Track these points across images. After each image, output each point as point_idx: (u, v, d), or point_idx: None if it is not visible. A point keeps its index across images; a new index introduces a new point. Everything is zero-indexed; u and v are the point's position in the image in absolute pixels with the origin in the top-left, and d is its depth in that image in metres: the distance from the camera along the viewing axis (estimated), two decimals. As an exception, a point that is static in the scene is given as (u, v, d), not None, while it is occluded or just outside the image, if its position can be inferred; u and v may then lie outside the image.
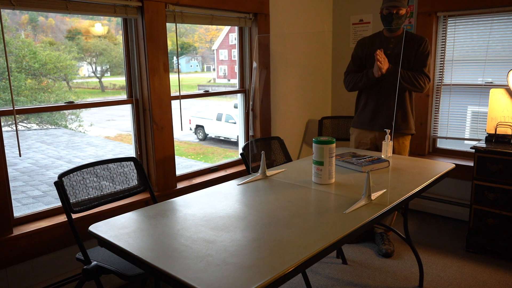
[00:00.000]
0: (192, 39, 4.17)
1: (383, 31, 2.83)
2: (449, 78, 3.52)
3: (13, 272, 2.13)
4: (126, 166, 2.27)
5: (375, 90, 2.81)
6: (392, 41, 2.77)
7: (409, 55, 2.73)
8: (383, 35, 2.82)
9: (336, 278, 2.65)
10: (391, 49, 2.75)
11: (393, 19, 2.66)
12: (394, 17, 2.65)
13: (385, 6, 2.66)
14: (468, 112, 3.50)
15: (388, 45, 2.77)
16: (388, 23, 2.70)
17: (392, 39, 2.78)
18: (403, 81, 2.66)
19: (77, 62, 2.89)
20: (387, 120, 2.76)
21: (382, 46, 2.73)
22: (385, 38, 2.80)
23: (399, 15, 2.66)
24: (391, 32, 2.76)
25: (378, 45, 2.76)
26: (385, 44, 2.77)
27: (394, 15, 2.64)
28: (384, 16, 2.70)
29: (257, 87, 3.38)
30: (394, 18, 2.66)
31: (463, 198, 3.47)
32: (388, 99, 2.79)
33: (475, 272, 2.69)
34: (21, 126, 3.47)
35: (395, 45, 2.76)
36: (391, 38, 2.78)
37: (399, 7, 2.63)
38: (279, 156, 2.80)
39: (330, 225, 1.53)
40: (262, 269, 1.21)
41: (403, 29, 2.79)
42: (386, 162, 2.31)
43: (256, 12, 3.23)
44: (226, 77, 5.24)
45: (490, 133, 2.97)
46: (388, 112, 2.79)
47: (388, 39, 2.79)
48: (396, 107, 2.77)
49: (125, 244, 1.39)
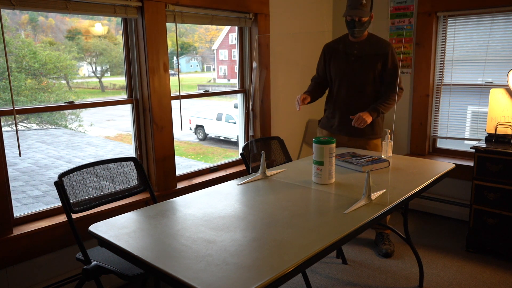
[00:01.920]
0: (192, 39, 4.17)
1: (348, 35, 2.82)
2: (449, 78, 3.52)
3: (13, 272, 2.13)
4: (126, 166, 2.27)
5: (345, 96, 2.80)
6: (356, 46, 2.76)
7: (376, 62, 2.72)
8: (348, 39, 2.80)
9: (336, 278, 2.65)
10: (355, 54, 2.75)
11: (356, 26, 2.65)
12: (357, 24, 2.65)
13: (348, 14, 2.65)
14: (468, 112, 3.50)
15: (352, 50, 2.76)
16: (352, 28, 2.69)
17: (356, 45, 2.76)
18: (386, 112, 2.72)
19: (77, 62, 2.89)
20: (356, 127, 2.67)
21: (346, 50, 2.76)
22: (349, 42, 2.78)
23: (362, 22, 2.65)
24: (354, 37, 2.75)
25: (342, 49, 2.78)
26: (349, 48, 2.77)
27: (357, 23, 2.64)
28: (348, 23, 2.69)
29: (257, 87, 3.38)
30: (357, 25, 2.65)
31: (463, 198, 3.47)
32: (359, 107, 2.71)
33: (475, 272, 2.69)
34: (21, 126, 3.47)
35: (359, 50, 2.75)
36: (355, 43, 2.76)
37: (361, 16, 2.62)
38: (279, 156, 2.80)
39: (330, 225, 1.53)
40: (262, 269, 1.21)
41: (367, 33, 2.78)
42: (386, 162, 2.31)
43: (256, 12, 3.23)
44: (226, 77, 5.24)
45: (490, 133, 2.97)
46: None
47: (352, 43, 2.77)
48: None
49: (125, 244, 1.39)
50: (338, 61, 2.80)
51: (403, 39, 3.66)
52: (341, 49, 2.79)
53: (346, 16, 2.68)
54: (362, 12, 2.62)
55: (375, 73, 2.74)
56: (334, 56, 2.82)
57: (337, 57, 2.80)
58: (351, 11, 2.63)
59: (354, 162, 2.29)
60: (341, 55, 2.78)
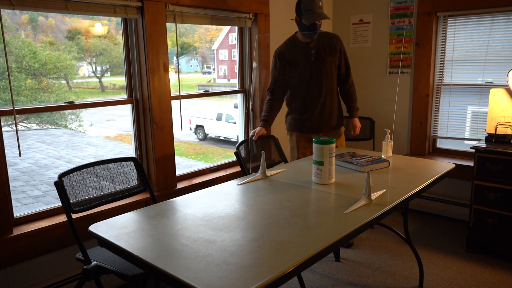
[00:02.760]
0: (192, 39, 4.17)
1: (296, 36, 2.73)
2: (449, 78, 3.52)
3: (13, 272, 2.13)
4: (126, 166, 2.27)
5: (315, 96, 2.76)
6: (311, 46, 2.70)
7: (334, 56, 2.73)
8: (300, 41, 2.71)
9: (336, 278, 2.65)
10: (314, 55, 2.70)
11: (317, 29, 2.61)
12: (318, 28, 2.61)
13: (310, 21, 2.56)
14: (468, 112, 3.50)
15: (309, 51, 2.70)
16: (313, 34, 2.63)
17: (310, 44, 2.70)
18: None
19: (77, 62, 2.89)
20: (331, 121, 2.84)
21: (303, 52, 2.70)
22: (303, 44, 2.71)
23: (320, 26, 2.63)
24: (311, 39, 2.68)
25: (299, 52, 2.70)
26: (306, 50, 2.70)
27: (318, 26, 2.60)
28: (306, 26, 2.59)
29: (257, 87, 3.38)
30: (318, 29, 2.62)
31: (463, 198, 3.47)
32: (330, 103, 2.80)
33: (475, 272, 2.69)
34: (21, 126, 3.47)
35: (315, 49, 2.71)
36: (309, 43, 2.70)
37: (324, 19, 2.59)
38: (274, 155, 2.82)
39: (330, 225, 1.53)
40: (262, 269, 1.21)
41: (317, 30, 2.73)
42: (386, 162, 2.31)
43: (256, 12, 3.23)
44: (226, 77, 5.24)
45: (490, 133, 2.97)
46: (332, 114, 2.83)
47: (306, 44, 2.70)
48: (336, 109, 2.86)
49: (125, 244, 1.39)
50: (298, 65, 2.71)
51: (403, 39, 3.66)
52: (297, 53, 2.71)
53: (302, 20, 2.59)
54: (324, 14, 2.58)
55: (335, 66, 2.77)
56: (292, 61, 2.72)
57: (295, 61, 2.71)
58: (318, 16, 2.55)
59: (354, 162, 2.29)
60: (300, 58, 2.70)
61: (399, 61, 3.72)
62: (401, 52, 3.68)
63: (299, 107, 2.82)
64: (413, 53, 3.61)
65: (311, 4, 2.54)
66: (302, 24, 2.61)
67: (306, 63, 2.70)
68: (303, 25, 2.61)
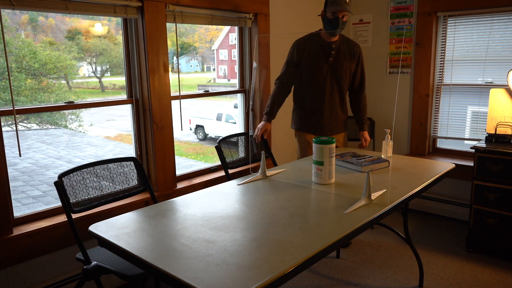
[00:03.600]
0: (192, 39, 4.17)
1: (320, 35, 2.68)
2: (449, 78, 3.52)
3: (13, 272, 2.13)
4: (126, 166, 2.27)
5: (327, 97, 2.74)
6: (333, 47, 2.66)
7: (350, 64, 2.73)
8: (323, 39, 2.67)
9: (336, 278, 2.65)
10: (332, 55, 2.67)
11: (339, 24, 2.56)
12: (340, 22, 2.56)
13: (332, 11, 2.52)
14: (468, 112, 3.50)
15: (329, 51, 2.67)
16: (333, 27, 2.57)
17: (332, 45, 2.66)
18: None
19: (77, 62, 2.89)
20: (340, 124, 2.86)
21: (323, 51, 2.66)
22: (325, 43, 2.66)
23: (344, 20, 2.58)
24: (333, 35, 2.64)
25: (320, 49, 2.66)
26: (327, 49, 2.67)
27: (340, 20, 2.55)
28: (329, 20, 2.56)
29: (257, 87, 3.38)
30: (340, 23, 2.56)
31: (463, 198, 3.47)
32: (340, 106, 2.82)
33: (475, 272, 2.69)
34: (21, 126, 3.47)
35: (336, 51, 2.68)
36: (332, 43, 2.66)
37: (347, 12, 2.54)
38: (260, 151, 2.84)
39: (330, 225, 1.53)
40: (262, 269, 1.21)
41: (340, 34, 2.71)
42: (386, 162, 2.31)
43: (256, 12, 3.23)
44: (226, 77, 5.24)
45: (490, 133, 2.97)
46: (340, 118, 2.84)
47: (329, 44, 2.66)
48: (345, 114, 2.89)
49: (125, 244, 1.39)
50: (315, 62, 2.67)
51: (403, 39, 3.66)
52: (317, 49, 2.66)
53: (326, 13, 2.56)
54: (348, 7, 2.53)
55: (350, 73, 2.77)
56: (310, 56, 2.67)
57: (313, 58, 2.66)
58: (337, 7, 2.50)
59: (354, 162, 2.29)
60: (319, 56, 2.66)
61: (399, 61, 3.72)
62: (401, 52, 3.68)
63: (308, 105, 2.78)
64: (413, 53, 3.61)
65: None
66: (326, 18, 2.60)
67: (324, 62, 2.68)
68: (327, 20, 2.59)
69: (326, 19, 2.61)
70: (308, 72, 2.71)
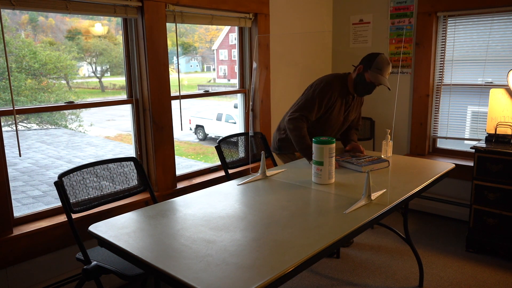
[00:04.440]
0: (192, 39, 4.17)
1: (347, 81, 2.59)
2: (449, 78, 3.52)
3: (13, 272, 2.13)
4: (126, 166, 2.27)
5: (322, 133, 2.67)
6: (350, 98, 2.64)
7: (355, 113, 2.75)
8: (347, 90, 2.59)
9: (336, 278, 2.65)
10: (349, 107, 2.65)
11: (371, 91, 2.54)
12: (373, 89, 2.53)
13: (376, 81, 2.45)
14: (468, 112, 3.50)
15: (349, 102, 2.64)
16: (367, 91, 2.54)
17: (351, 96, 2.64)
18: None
19: (77, 62, 2.89)
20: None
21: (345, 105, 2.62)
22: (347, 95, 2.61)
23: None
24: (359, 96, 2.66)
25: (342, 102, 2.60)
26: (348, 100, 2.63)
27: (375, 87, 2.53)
28: (366, 83, 2.48)
29: (257, 87, 3.38)
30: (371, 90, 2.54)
31: (463, 198, 3.47)
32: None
33: (475, 272, 2.69)
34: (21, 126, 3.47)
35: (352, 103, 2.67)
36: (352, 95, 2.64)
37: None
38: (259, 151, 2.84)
39: (330, 225, 1.53)
40: (262, 269, 1.21)
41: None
42: (386, 162, 2.31)
43: (256, 12, 3.23)
44: (226, 77, 5.23)
45: (490, 133, 2.97)
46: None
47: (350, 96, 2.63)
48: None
49: (125, 244, 1.39)
50: (336, 110, 2.60)
51: (403, 39, 3.66)
52: (342, 100, 2.61)
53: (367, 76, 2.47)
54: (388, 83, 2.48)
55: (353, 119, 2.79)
56: (335, 104, 2.58)
57: (337, 106, 2.59)
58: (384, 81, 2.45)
59: (354, 162, 2.29)
60: (341, 105, 2.62)
61: (399, 61, 3.72)
62: (401, 52, 3.68)
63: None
64: (413, 53, 3.61)
65: (384, 66, 2.44)
66: (362, 77, 2.49)
67: (342, 112, 2.63)
68: (361, 78, 2.49)
69: (362, 78, 2.49)
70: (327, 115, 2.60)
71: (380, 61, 2.44)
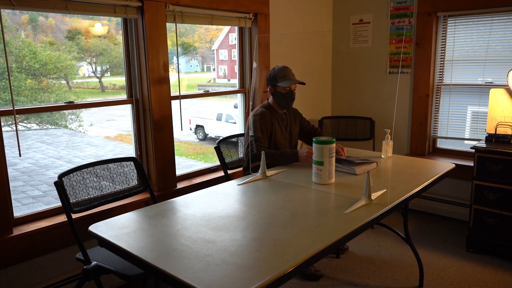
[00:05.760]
0: (192, 39, 4.17)
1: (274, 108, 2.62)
2: (449, 78, 3.52)
3: (13, 272, 2.13)
4: (126, 166, 2.27)
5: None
6: (284, 117, 2.67)
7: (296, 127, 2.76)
8: (276, 112, 2.63)
9: (336, 278, 2.65)
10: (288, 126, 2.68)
11: (294, 96, 2.57)
12: (294, 95, 2.57)
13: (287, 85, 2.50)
14: (468, 112, 3.50)
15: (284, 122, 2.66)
16: (289, 101, 2.58)
17: (284, 116, 2.67)
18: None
19: (77, 62, 2.89)
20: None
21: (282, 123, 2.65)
22: (279, 115, 2.65)
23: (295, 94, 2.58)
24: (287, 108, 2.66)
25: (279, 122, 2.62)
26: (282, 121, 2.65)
27: (294, 92, 2.56)
28: (283, 95, 2.54)
29: (257, 87, 3.38)
30: (293, 96, 2.57)
31: (463, 198, 3.47)
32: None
33: (475, 272, 2.69)
34: (21, 126, 3.47)
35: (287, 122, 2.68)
36: (283, 114, 2.67)
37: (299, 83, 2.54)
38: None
39: (330, 225, 1.53)
40: (262, 269, 1.21)
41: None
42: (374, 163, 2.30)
43: (256, 12, 3.23)
44: (226, 77, 5.23)
45: (490, 133, 2.97)
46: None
47: (281, 115, 2.66)
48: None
49: (125, 244, 1.39)
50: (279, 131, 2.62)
51: (403, 39, 3.66)
52: (277, 123, 2.62)
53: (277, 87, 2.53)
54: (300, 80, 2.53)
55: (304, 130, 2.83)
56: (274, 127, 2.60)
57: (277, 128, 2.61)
58: (291, 82, 2.50)
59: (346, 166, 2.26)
60: (280, 126, 2.64)
61: (399, 61, 3.72)
62: (401, 52, 3.68)
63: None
64: (413, 53, 3.61)
65: (285, 71, 2.54)
66: (278, 92, 2.55)
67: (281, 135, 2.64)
68: (278, 94, 2.55)
69: (278, 94, 2.55)
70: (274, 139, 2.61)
71: (278, 71, 2.56)
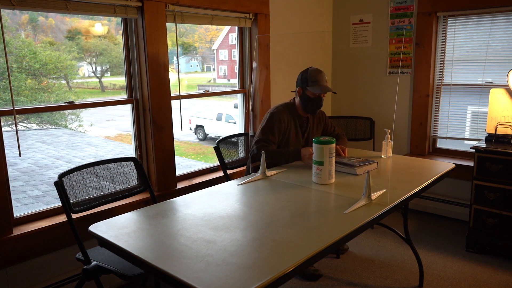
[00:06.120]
0: (192, 39, 4.17)
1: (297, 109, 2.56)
2: (449, 78, 3.52)
3: (13, 272, 2.13)
4: (126, 166, 2.27)
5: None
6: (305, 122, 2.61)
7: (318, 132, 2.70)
8: (299, 114, 2.57)
9: (335, 278, 2.65)
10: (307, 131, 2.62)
11: (321, 104, 2.50)
12: (321, 101, 2.50)
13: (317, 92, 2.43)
14: (468, 112, 3.50)
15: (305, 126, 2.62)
16: (316, 107, 2.51)
17: (305, 120, 2.61)
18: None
19: (77, 62, 2.89)
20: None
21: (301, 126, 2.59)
22: (300, 119, 2.59)
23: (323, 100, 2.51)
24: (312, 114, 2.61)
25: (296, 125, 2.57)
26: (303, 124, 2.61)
27: (322, 100, 2.49)
28: (310, 99, 2.46)
29: (257, 87, 3.38)
30: (321, 103, 2.50)
31: (463, 198, 3.47)
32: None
33: (475, 272, 2.69)
34: (21, 126, 3.47)
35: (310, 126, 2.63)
36: (306, 117, 2.61)
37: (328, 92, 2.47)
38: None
39: (330, 225, 1.53)
40: (262, 269, 1.21)
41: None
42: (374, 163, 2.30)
43: (256, 12, 3.23)
44: (226, 77, 5.23)
45: (490, 133, 2.97)
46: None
47: (303, 118, 2.60)
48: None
49: (125, 244, 1.39)
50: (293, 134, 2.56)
51: (403, 39, 3.66)
52: (295, 125, 2.57)
53: (307, 91, 2.45)
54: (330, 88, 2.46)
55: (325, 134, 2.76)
56: (289, 129, 2.54)
57: (292, 131, 2.55)
58: (322, 90, 2.42)
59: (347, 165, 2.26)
60: (296, 129, 2.58)
61: (399, 61, 3.72)
62: (401, 52, 3.68)
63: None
64: (413, 53, 3.61)
65: (318, 76, 2.44)
66: (306, 96, 2.47)
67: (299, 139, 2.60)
68: (306, 97, 2.48)
69: (306, 98, 2.48)
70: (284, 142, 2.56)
71: (311, 74, 2.45)
